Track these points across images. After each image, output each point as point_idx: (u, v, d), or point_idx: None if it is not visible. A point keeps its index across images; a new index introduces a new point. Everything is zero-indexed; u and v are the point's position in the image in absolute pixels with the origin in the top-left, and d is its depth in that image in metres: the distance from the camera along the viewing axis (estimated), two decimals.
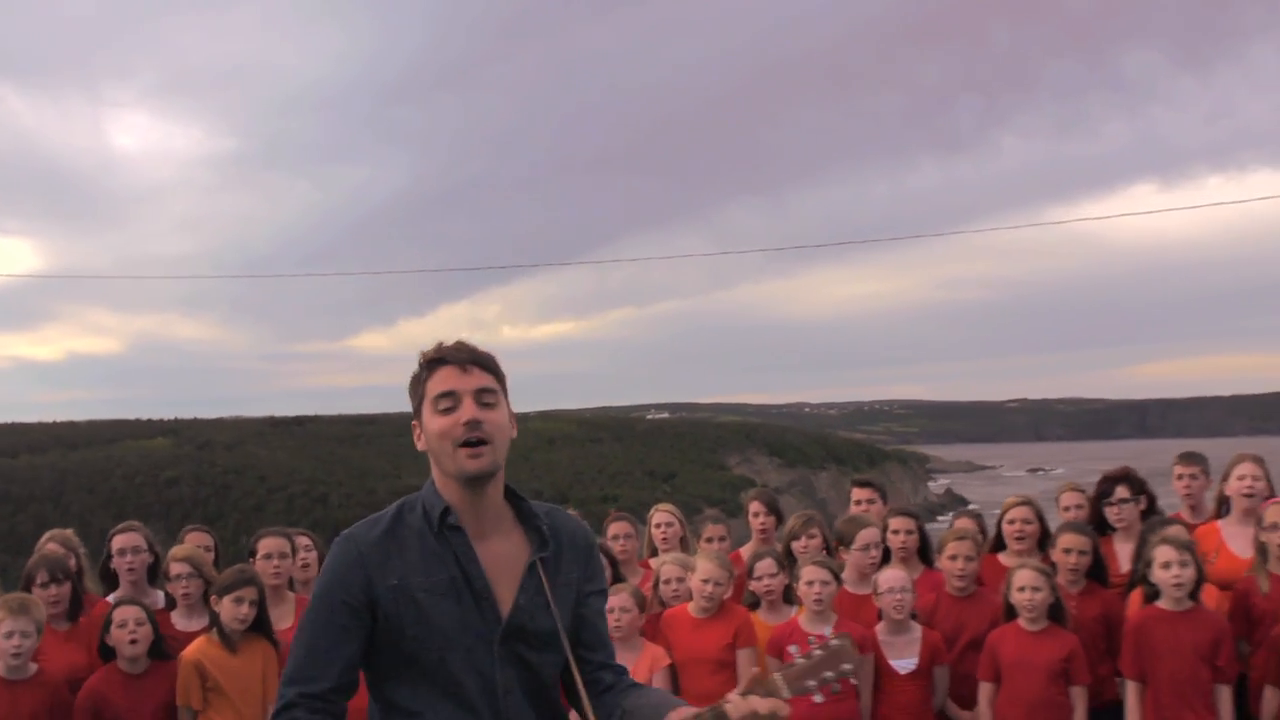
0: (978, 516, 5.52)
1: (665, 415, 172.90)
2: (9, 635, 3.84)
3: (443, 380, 2.15)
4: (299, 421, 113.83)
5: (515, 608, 2.15)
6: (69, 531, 4.90)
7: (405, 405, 2.22)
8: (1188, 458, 5.07)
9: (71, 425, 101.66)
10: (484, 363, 2.18)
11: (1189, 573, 4.06)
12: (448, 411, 2.13)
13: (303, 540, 4.77)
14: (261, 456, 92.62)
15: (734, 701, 1.94)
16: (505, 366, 2.20)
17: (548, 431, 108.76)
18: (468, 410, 2.11)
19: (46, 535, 4.79)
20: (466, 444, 2.10)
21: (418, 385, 2.19)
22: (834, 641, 2.11)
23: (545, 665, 2.17)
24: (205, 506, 73.41)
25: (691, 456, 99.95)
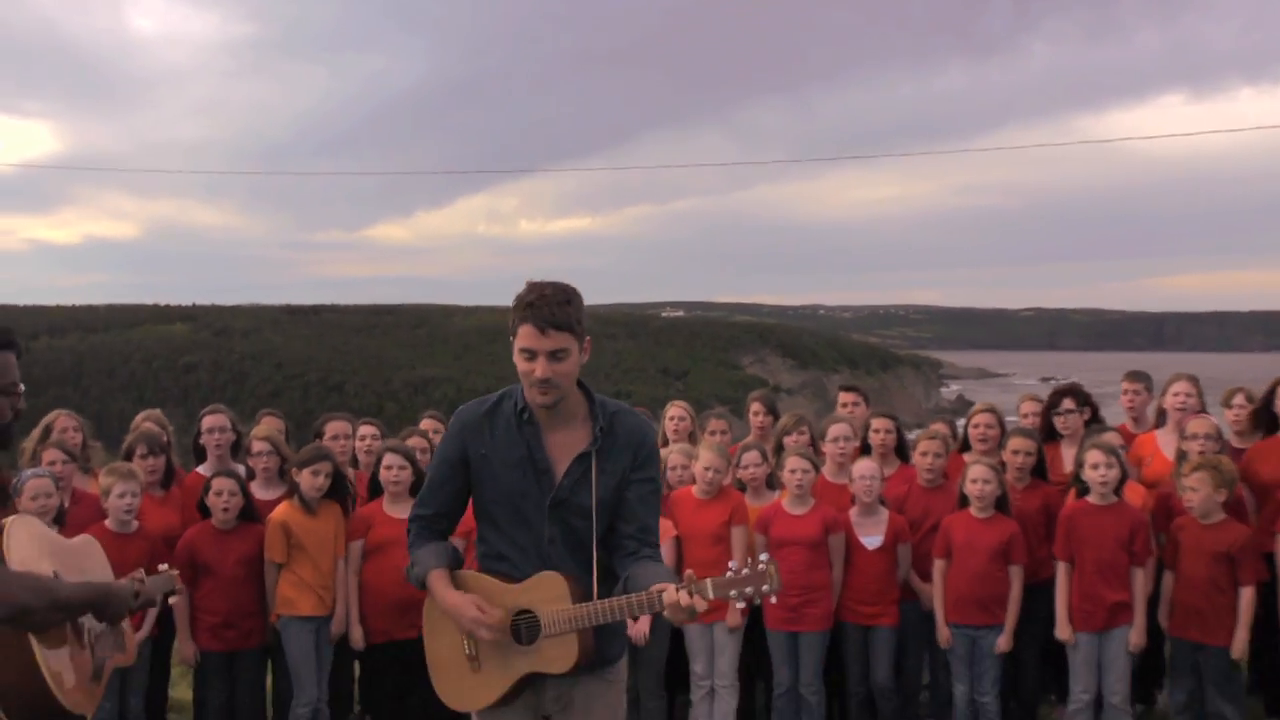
0: (951, 421, 6.17)
1: (680, 313, 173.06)
2: (121, 495, 4.58)
3: (524, 337, 2.69)
4: (316, 310, 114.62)
5: (561, 485, 2.80)
6: (159, 411, 5.61)
7: (422, 297, 2.73)
8: (1133, 375, 5.69)
9: (90, 309, 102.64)
10: (560, 324, 2.66)
11: (1114, 473, 4.70)
12: (528, 359, 2.70)
13: (369, 429, 5.48)
14: (278, 344, 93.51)
15: (668, 590, 2.55)
16: (522, 262, 2.67)
17: None
18: (540, 368, 2.67)
19: (142, 414, 5.48)
20: (539, 390, 2.72)
21: (510, 321, 2.74)
22: (763, 566, 2.57)
23: (582, 529, 2.79)
24: (223, 392, 74.41)
25: (704, 355, 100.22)
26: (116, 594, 2.44)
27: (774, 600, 2.60)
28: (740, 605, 2.90)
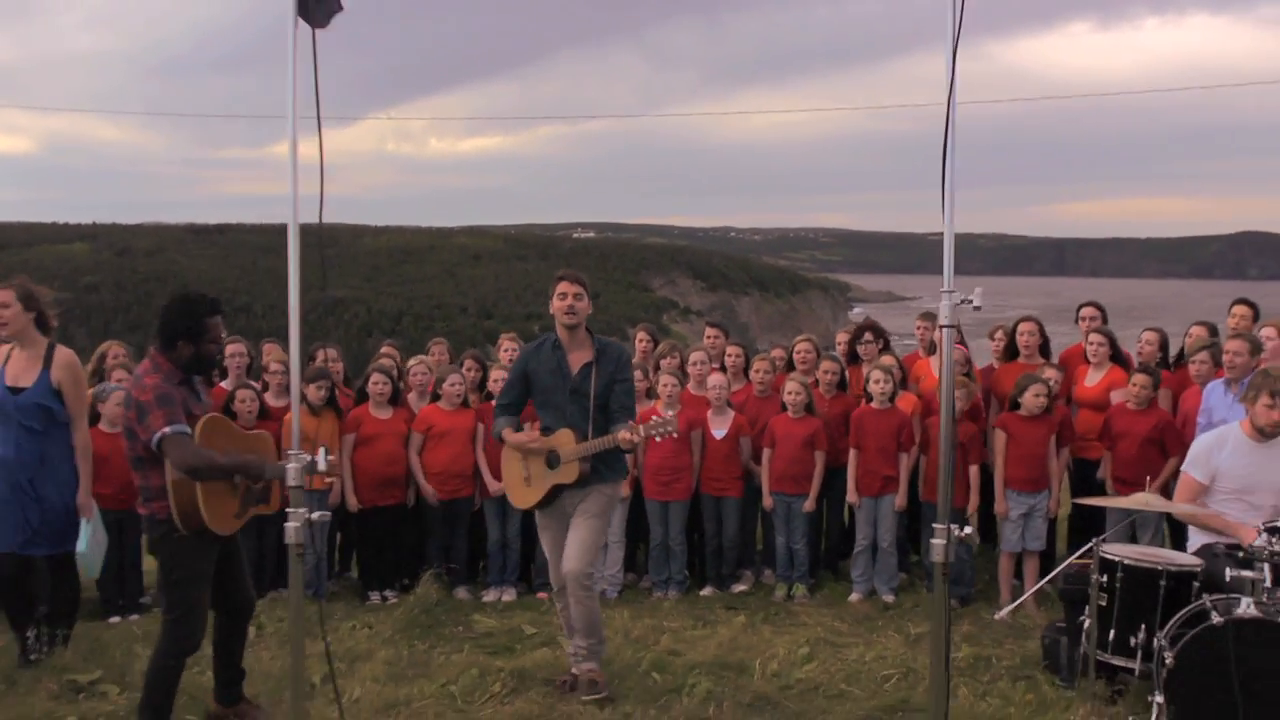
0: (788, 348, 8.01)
1: (591, 235, 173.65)
2: None
3: (561, 287, 4.80)
4: (221, 230, 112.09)
5: (574, 381, 4.77)
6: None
7: (329, 216, 4.21)
8: (925, 315, 7.52)
9: None
10: (580, 282, 4.84)
11: (889, 387, 6.60)
12: (562, 300, 4.76)
13: (332, 352, 7.12)
14: (183, 265, 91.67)
15: (629, 426, 4.59)
16: (431, 181, 4.44)
17: (473, 247, 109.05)
18: (570, 302, 4.76)
19: (105, 344, 6.98)
20: (565, 314, 4.72)
21: (550, 287, 4.88)
22: (668, 417, 4.77)
23: (586, 406, 4.74)
24: (127, 313, 73.17)
25: (616, 278, 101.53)
26: (251, 467, 4.07)
27: (675, 436, 4.86)
28: (658, 438, 4.75)
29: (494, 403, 5.46)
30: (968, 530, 3.24)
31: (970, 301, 3.03)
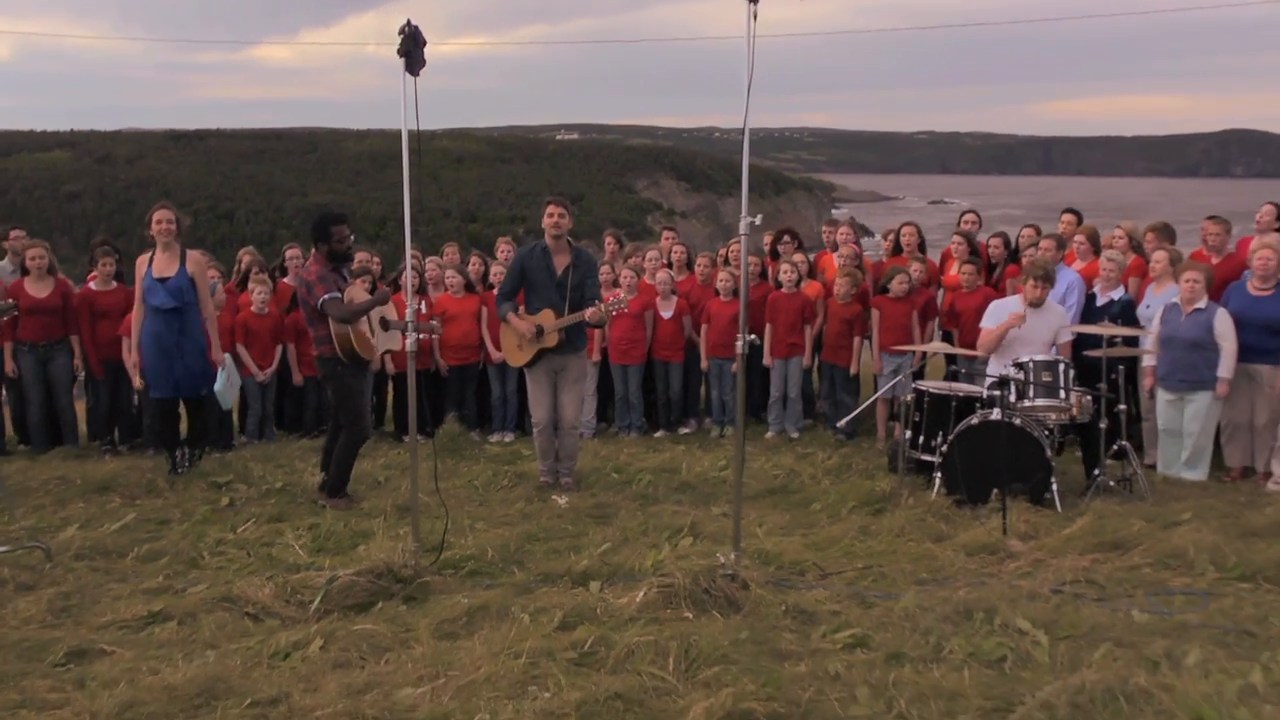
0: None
1: (574, 136, 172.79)
2: (259, 292, 8.24)
3: (550, 206, 6.73)
4: (201, 136, 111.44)
5: (559, 276, 6.67)
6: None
7: (311, 121, 6.19)
8: (830, 221, 9.59)
9: None
10: (564, 205, 6.76)
11: (794, 276, 8.67)
12: (549, 218, 6.67)
13: (293, 251, 9.02)
14: (164, 171, 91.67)
15: (595, 305, 6.60)
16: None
17: (456, 150, 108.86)
18: (556, 217, 6.68)
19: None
20: (552, 229, 6.68)
21: (543, 206, 6.80)
22: (622, 297, 6.88)
23: (566, 294, 6.63)
24: (109, 221, 73.42)
25: (599, 179, 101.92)
26: (377, 301, 6.26)
27: (627, 311, 7.16)
28: (614, 312, 6.79)
29: (495, 291, 7.53)
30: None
31: (753, 221, 4.87)
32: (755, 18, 4.29)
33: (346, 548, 5.34)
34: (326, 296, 6.18)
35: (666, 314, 8.90)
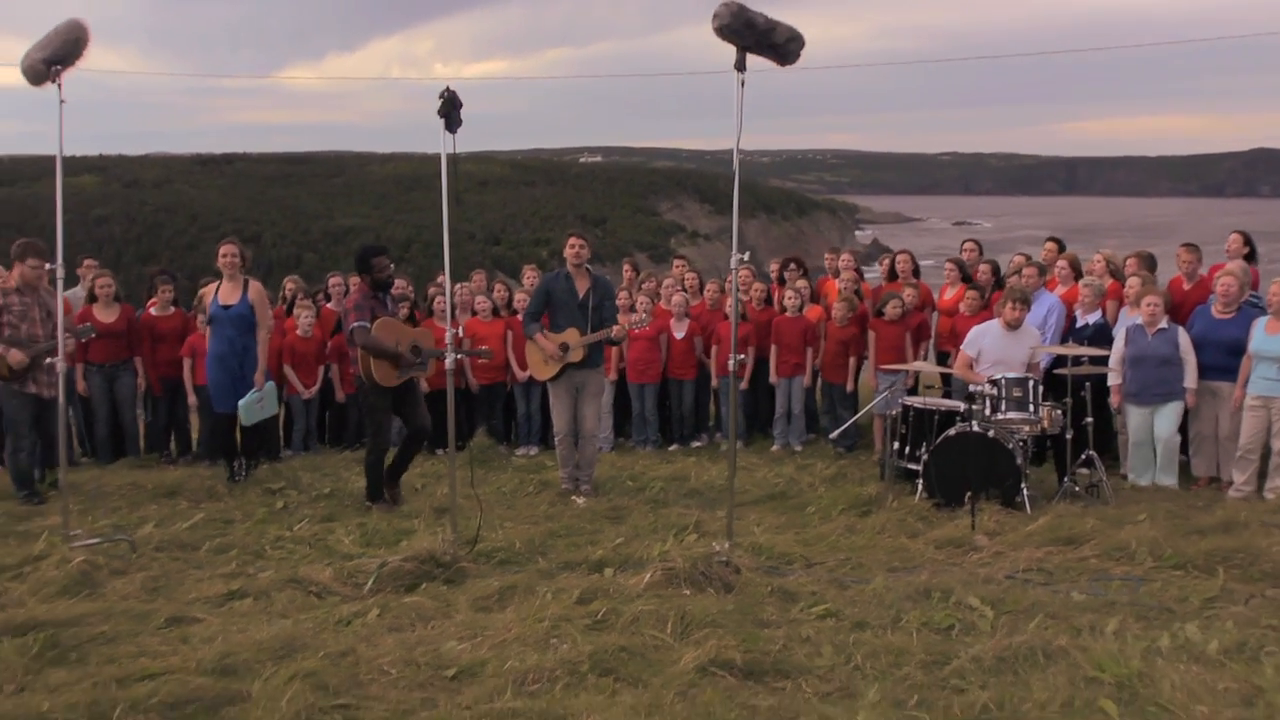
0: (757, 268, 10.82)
1: (598, 159, 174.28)
2: (305, 316, 9.02)
3: (571, 241, 7.68)
4: (228, 160, 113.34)
5: (581, 299, 7.50)
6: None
7: (337, 145, 6.79)
8: (832, 250, 10.32)
9: None
10: (584, 237, 7.78)
11: (797, 301, 9.38)
12: (571, 249, 7.61)
13: (335, 279, 9.83)
14: (191, 195, 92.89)
15: (615, 326, 7.56)
16: (436, 106, 6.71)
17: (480, 174, 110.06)
18: (574, 249, 7.60)
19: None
20: (574, 258, 7.57)
21: (564, 239, 7.86)
22: (641, 317, 7.92)
23: (588, 315, 7.46)
24: (138, 245, 74.45)
25: (622, 202, 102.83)
26: (397, 355, 6.92)
27: (644, 329, 8.27)
28: (632, 328, 7.61)
29: (520, 315, 8.35)
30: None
31: (742, 258, 5.65)
32: (743, 85, 5.03)
33: (391, 541, 6.07)
34: (356, 325, 6.96)
35: (679, 335, 9.63)
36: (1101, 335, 8.14)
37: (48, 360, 7.02)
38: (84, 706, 3.45)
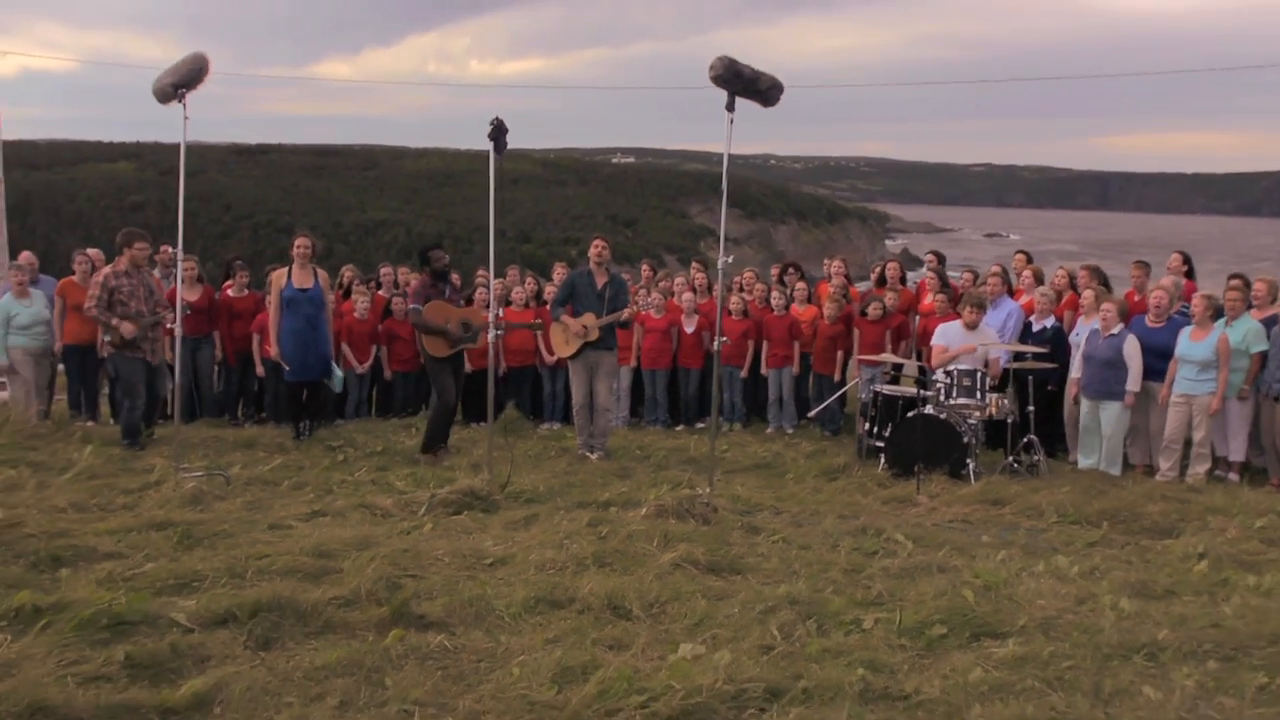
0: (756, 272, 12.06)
1: (630, 160, 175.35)
2: (363, 299, 10.37)
3: (596, 243, 9.15)
4: (263, 150, 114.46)
5: (600, 290, 8.92)
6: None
7: (369, 138, 8.13)
8: (830, 254, 11.53)
9: (31, 145, 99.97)
10: (606, 240, 9.24)
11: (783, 300, 10.63)
12: (595, 249, 9.09)
13: (386, 270, 11.31)
14: (226, 185, 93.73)
15: (628, 308, 9.04)
16: (472, 104, 8.17)
17: (511, 171, 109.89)
18: (597, 249, 9.07)
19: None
20: (596, 259, 8.99)
21: (590, 243, 9.27)
22: (653, 299, 9.18)
23: (605, 303, 8.86)
24: (171, 232, 75.21)
25: (654, 204, 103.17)
26: (445, 331, 8.32)
27: (651, 312, 9.42)
28: (650, 310, 8.97)
29: (548, 305, 9.73)
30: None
31: (728, 260, 6.95)
32: (732, 123, 6.30)
33: (438, 485, 7.40)
34: (411, 306, 8.55)
35: (689, 329, 10.92)
36: (1059, 338, 9.33)
37: (154, 329, 8.42)
38: (224, 568, 4.78)
